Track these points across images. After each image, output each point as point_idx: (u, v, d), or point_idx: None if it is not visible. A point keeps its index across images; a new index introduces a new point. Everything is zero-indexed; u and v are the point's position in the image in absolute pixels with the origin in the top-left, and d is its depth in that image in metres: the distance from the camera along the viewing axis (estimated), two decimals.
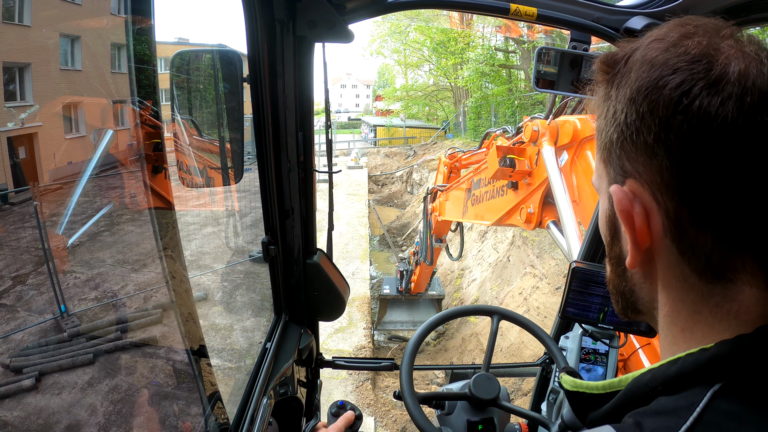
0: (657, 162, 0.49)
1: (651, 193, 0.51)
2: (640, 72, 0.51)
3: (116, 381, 1.64)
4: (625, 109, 0.52)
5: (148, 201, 1.32)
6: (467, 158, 6.23)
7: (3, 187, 1.30)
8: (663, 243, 0.52)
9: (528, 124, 3.90)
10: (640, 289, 0.60)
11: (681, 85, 0.47)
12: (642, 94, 0.50)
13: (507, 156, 4.03)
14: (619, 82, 0.54)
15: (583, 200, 3.30)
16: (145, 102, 1.25)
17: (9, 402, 1.35)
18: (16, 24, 1.15)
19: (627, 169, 0.53)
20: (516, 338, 7.89)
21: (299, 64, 1.45)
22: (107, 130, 1.50)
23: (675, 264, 0.53)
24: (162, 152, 1.27)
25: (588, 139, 3.35)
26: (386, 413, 6.64)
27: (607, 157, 0.57)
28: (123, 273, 1.96)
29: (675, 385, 0.49)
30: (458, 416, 1.71)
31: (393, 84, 38.91)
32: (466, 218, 5.61)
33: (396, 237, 16.71)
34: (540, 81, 1.56)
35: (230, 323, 3.92)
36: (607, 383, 0.60)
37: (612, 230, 0.61)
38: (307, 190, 1.69)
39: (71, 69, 1.38)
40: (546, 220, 3.89)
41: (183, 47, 1.42)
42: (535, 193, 3.95)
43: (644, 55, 0.52)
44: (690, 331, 0.53)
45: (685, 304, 0.53)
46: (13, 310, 1.49)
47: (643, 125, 0.50)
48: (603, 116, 0.57)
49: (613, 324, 1.81)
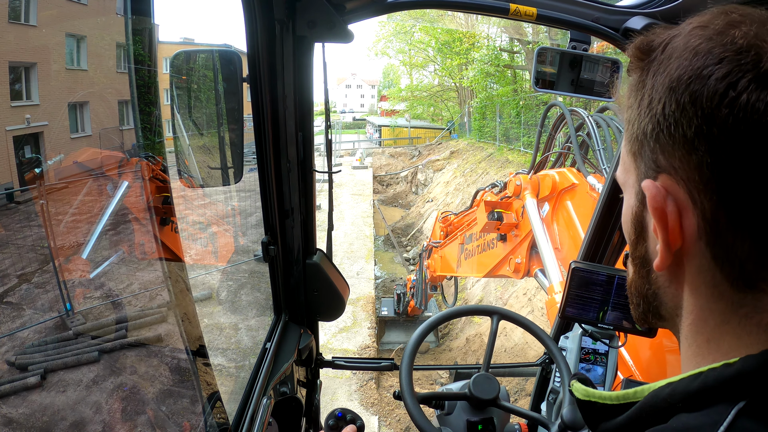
0: (696, 158, 0.46)
1: (687, 191, 0.47)
2: (682, 60, 0.47)
3: (120, 379, 1.65)
4: (663, 99, 0.48)
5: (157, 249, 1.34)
6: (459, 219, 6.48)
7: (9, 186, 1.31)
8: (696, 246, 0.49)
9: (512, 180, 4.22)
10: (664, 293, 0.56)
11: (727, 76, 0.44)
12: (683, 83, 0.46)
13: (495, 210, 4.33)
14: (656, 70, 0.50)
15: (564, 247, 3.55)
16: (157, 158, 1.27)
17: (14, 399, 1.37)
18: (22, 24, 1.16)
19: (661, 164, 0.50)
20: (520, 339, 7.87)
21: (299, 64, 1.45)
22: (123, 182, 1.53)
23: (706, 269, 0.49)
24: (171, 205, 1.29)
25: (566, 189, 3.62)
26: (390, 413, 6.65)
27: (638, 150, 0.53)
28: (127, 272, 1.97)
29: (697, 402, 0.46)
30: (458, 416, 1.71)
31: (398, 84, 38.90)
32: (460, 272, 5.93)
33: (400, 237, 16.71)
34: (540, 81, 1.55)
35: (231, 323, 3.94)
36: (621, 394, 0.56)
37: (638, 228, 0.57)
38: (307, 190, 1.70)
39: (77, 69, 1.39)
40: (534, 268, 4.14)
41: (184, 47, 1.44)
42: (522, 244, 4.21)
43: (686, 43, 0.48)
44: (716, 342, 0.50)
45: (713, 313, 0.50)
46: (18, 308, 1.51)
47: (683, 117, 0.46)
48: (636, 106, 0.53)
49: (613, 324, 1.81)
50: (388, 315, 9.84)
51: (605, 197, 1.96)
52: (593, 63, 1.52)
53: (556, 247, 3.58)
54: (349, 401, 6.67)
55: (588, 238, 2.07)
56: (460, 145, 21.69)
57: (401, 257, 14.88)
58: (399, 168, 23.70)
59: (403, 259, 14.73)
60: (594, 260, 2.07)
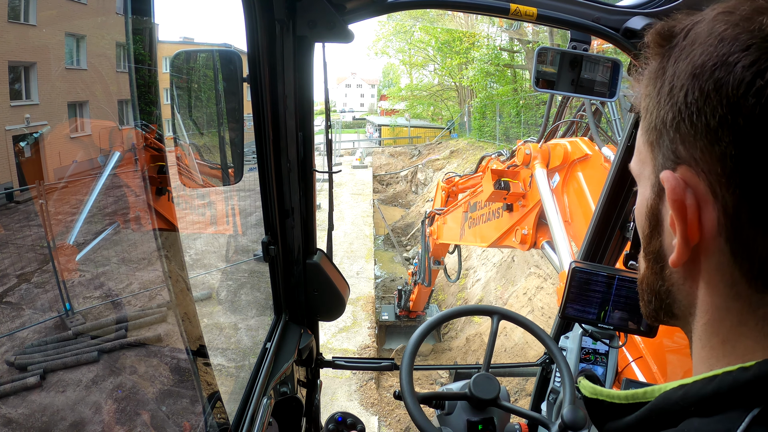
0: (719, 149, 0.43)
1: (708, 183, 0.45)
2: (706, 46, 0.45)
3: (119, 379, 1.65)
4: (685, 86, 0.46)
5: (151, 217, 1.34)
6: (464, 182, 6.32)
7: (9, 186, 1.31)
8: (715, 241, 0.46)
9: (521, 148, 4.02)
10: (678, 290, 0.54)
11: (755, 63, 0.41)
12: (708, 70, 0.44)
13: (501, 179, 4.17)
14: (678, 57, 0.48)
15: (575, 220, 3.40)
16: (150, 126, 1.26)
17: (14, 399, 1.36)
18: (21, 23, 1.16)
19: (681, 155, 0.47)
20: (520, 339, 7.87)
21: (299, 64, 1.45)
22: (114, 152, 1.52)
23: (725, 266, 0.47)
24: (166, 174, 1.28)
25: (579, 160, 3.45)
26: (390, 413, 6.65)
27: (656, 139, 0.50)
28: (127, 272, 1.97)
29: (710, 407, 0.44)
30: (458, 416, 1.71)
31: (398, 84, 38.91)
32: (463, 241, 5.70)
33: (400, 236, 16.70)
34: (540, 81, 1.55)
35: (231, 323, 3.94)
36: (630, 393, 0.55)
37: (653, 222, 0.54)
38: (307, 190, 1.70)
39: (77, 68, 1.39)
40: (540, 240, 3.99)
41: (184, 47, 1.43)
42: (529, 215, 4.05)
43: (711, 28, 0.46)
44: (732, 344, 0.48)
45: (729, 313, 0.48)
46: (18, 308, 1.51)
47: (707, 105, 0.43)
48: (655, 94, 0.50)
49: (613, 324, 1.81)
50: (388, 320, 9.81)
51: (605, 197, 1.96)
52: (593, 63, 1.52)
53: (566, 220, 3.41)
54: (349, 401, 6.67)
55: (588, 237, 2.07)
56: (460, 145, 21.67)
57: (401, 257, 14.88)
58: (399, 167, 23.69)
59: (403, 258, 14.73)
60: (594, 260, 2.07)
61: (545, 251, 3.84)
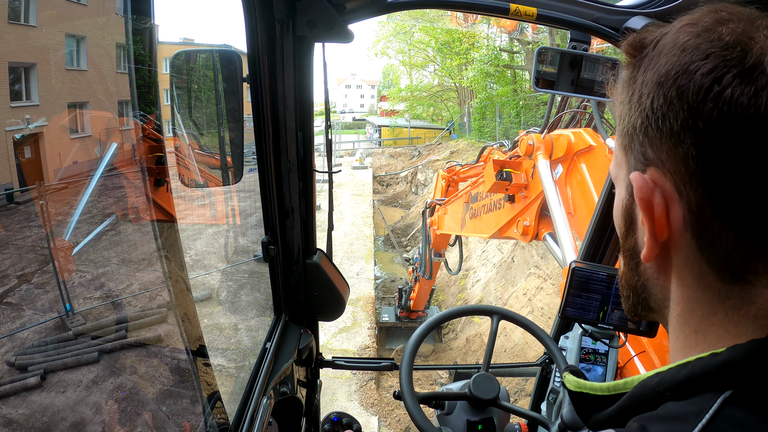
0: (682, 150, 0.47)
1: (673, 183, 0.49)
2: (670, 56, 0.49)
3: (120, 380, 1.65)
4: (651, 94, 0.49)
5: (150, 209, 1.33)
6: (465, 171, 6.28)
7: (9, 187, 1.31)
8: (682, 237, 0.50)
9: (523, 138, 3.98)
10: (653, 285, 0.57)
11: (713, 71, 0.45)
12: (671, 78, 0.47)
13: (503, 169, 4.13)
14: (646, 66, 0.52)
15: (578, 212, 3.36)
16: (149, 116, 1.26)
17: (14, 400, 1.36)
18: (22, 24, 1.16)
19: (649, 157, 0.51)
20: (520, 339, 7.87)
21: (299, 64, 1.45)
22: (112, 143, 1.51)
23: (693, 260, 0.50)
24: (164, 165, 1.28)
25: (582, 152, 3.41)
26: (390, 413, 6.64)
27: (629, 143, 0.54)
28: (127, 272, 1.97)
29: (684, 390, 0.47)
30: (458, 416, 1.71)
31: (398, 84, 38.87)
32: (464, 232, 5.67)
33: (400, 237, 16.70)
34: (540, 81, 1.56)
35: (231, 323, 3.94)
36: (612, 385, 0.58)
37: (628, 221, 0.58)
38: (307, 190, 1.70)
39: (76, 69, 1.39)
40: (542, 232, 3.95)
41: (184, 47, 1.43)
42: (531, 206, 4.01)
43: (675, 39, 0.49)
44: (703, 333, 0.51)
45: (699, 304, 0.51)
46: (18, 309, 1.51)
47: (670, 111, 0.47)
48: (627, 101, 0.54)
49: (613, 324, 1.81)
50: (389, 321, 9.72)
51: (605, 196, 1.96)
52: (593, 63, 1.52)
53: (569, 212, 3.37)
54: (349, 401, 6.67)
55: (588, 237, 2.07)
56: (459, 145, 21.66)
57: (401, 257, 14.87)
58: (399, 168, 23.69)
59: (403, 259, 14.72)
60: (594, 260, 2.07)
61: (547, 243, 3.81)
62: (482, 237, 5.24)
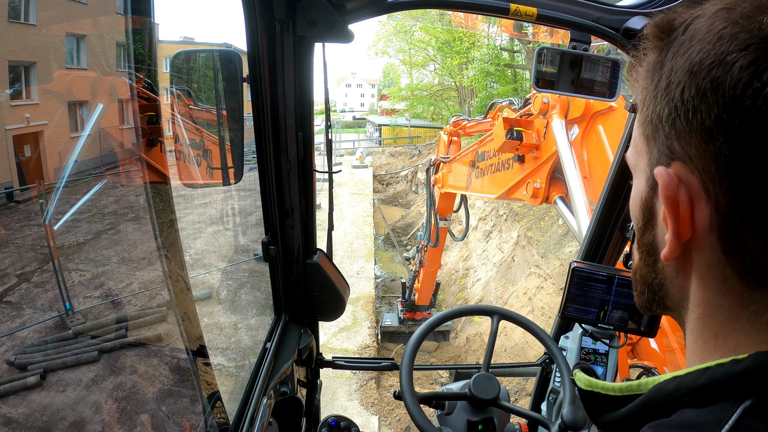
0: (713, 148, 0.43)
1: (701, 181, 0.45)
2: (705, 43, 0.44)
3: (120, 379, 1.65)
4: (682, 83, 0.45)
5: (144, 177, 1.32)
6: (472, 127, 6.00)
7: (9, 186, 1.31)
8: (706, 238, 0.47)
9: (537, 96, 3.79)
10: (671, 283, 0.54)
11: (753, 64, 0.41)
12: (705, 68, 0.43)
13: (514, 128, 3.93)
14: (676, 51, 0.47)
15: (594, 176, 3.20)
16: (138, 74, 1.24)
17: (14, 399, 1.36)
18: (22, 23, 1.16)
19: (675, 151, 0.47)
20: (520, 339, 7.87)
21: (299, 64, 1.45)
22: (98, 105, 1.49)
23: (716, 263, 0.47)
24: (158, 125, 1.26)
25: (600, 113, 3.23)
26: (390, 412, 6.65)
27: (652, 133, 0.50)
28: (127, 271, 1.97)
29: (702, 398, 0.45)
30: (458, 416, 1.71)
31: (398, 83, 38.84)
32: (470, 190, 5.47)
33: (400, 236, 16.71)
34: (540, 81, 1.55)
35: (231, 323, 3.94)
36: (624, 386, 0.55)
37: (647, 215, 0.54)
38: (307, 190, 1.70)
39: (77, 68, 1.39)
40: (553, 195, 3.78)
41: (184, 47, 1.43)
42: (543, 168, 3.82)
43: (710, 25, 0.45)
44: (723, 338, 0.48)
45: (721, 308, 0.48)
46: (18, 308, 1.51)
47: (703, 104, 0.43)
48: (652, 87, 0.50)
49: (613, 324, 1.81)
50: (392, 326, 9.47)
51: (605, 196, 1.96)
52: (593, 63, 1.52)
53: (585, 175, 3.22)
54: (349, 401, 6.68)
55: (588, 237, 2.06)
56: None
57: (401, 257, 14.88)
58: (399, 167, 23.70)
59: (403, 258, 14.73)
60: (594, 260, 2.07)
61: (558, 207, 3.68)
62: (488, 197, 5.03)
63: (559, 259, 8.75)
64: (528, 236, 10.33)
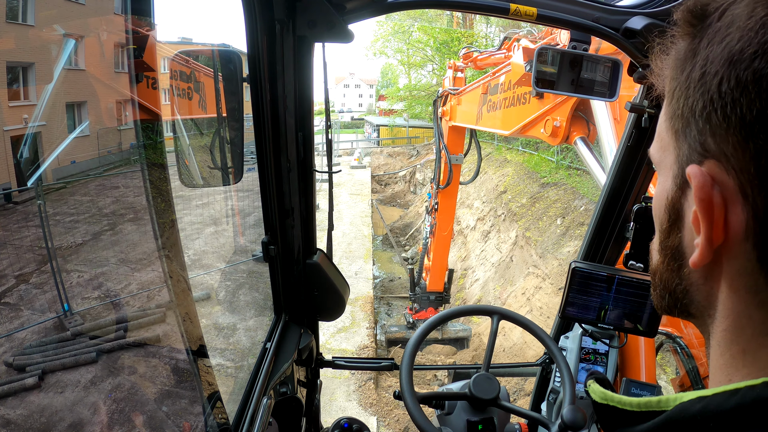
0: (754, 146, 0.39)
1: (738, 182, 0.41)
2: (746, 30, 0.40)
3: (118, 380, 1.64)
4: (719, 73, 0.41)
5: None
6: (484, 59, 5.67)
7: (7, 186, 1.31)
8: (741, 245, 0.43)
9: None
10: (697, 290, 0.50)
11: None
12: (747, 58, 0.39)
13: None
14: (711, 39, 0.43)
15: (623, 120, 2.89)
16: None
17: (12, 400, 1.36)
18: (20, 24, 1.15)
19: (710, 148, 0.43)
20: (520, 339, 7.88)
21: (299, 64, 1.45)
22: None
23: (750, 272, 0.43)
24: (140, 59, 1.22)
25: None
26: (389, 413, 6.65)
27: (683, 128, 0.46)
28: (126, 271, 1.97)
29: (730, 424, 0.41)
30: (458, 416, 1.71)
31: (396, 84, 38.86)
32: (480, 124, 5.14)
33: (399, 237, 16.71)
34: (540, 81, 1.56)
35: (231, 323, 3.94)
36: (643, 401, 0.51)
37: (673, 216, 0.50)
38: (307, 190, 1.69)
39: (76, 69, 1.38)
40: (574, 135, 3.51)
41: (184, 47, 1.43)
42: (564, 105, 3.52)
43: (751, 11, 0.41)
44: (752, 355, 0.44)
45: (751, 321, 0.44)
46: (16, 309, 1.50)
47: (744, 97, 0.39)
48: (683, 77, 0.46)
49: (613, 324, 1.81)
50: (398, 332, 9.31)
51: (605, 196, 1.96)
52: (593, 63, 1.52)
53: (615, 117, 2.98)
54: (348, 401, 6.67)
55: (588, 237, 2.07)
56: None
57: (400, 257, 14.88)
58: (397, 167, 23.72)
59: (401, 258, 14.73)
60: (594, 260, 2.07)
61: (578, 148, 3.40)
62: (501, 133, 4.65)
63: (557, 259, 8.77)
64: (526, 236, 10.35)
